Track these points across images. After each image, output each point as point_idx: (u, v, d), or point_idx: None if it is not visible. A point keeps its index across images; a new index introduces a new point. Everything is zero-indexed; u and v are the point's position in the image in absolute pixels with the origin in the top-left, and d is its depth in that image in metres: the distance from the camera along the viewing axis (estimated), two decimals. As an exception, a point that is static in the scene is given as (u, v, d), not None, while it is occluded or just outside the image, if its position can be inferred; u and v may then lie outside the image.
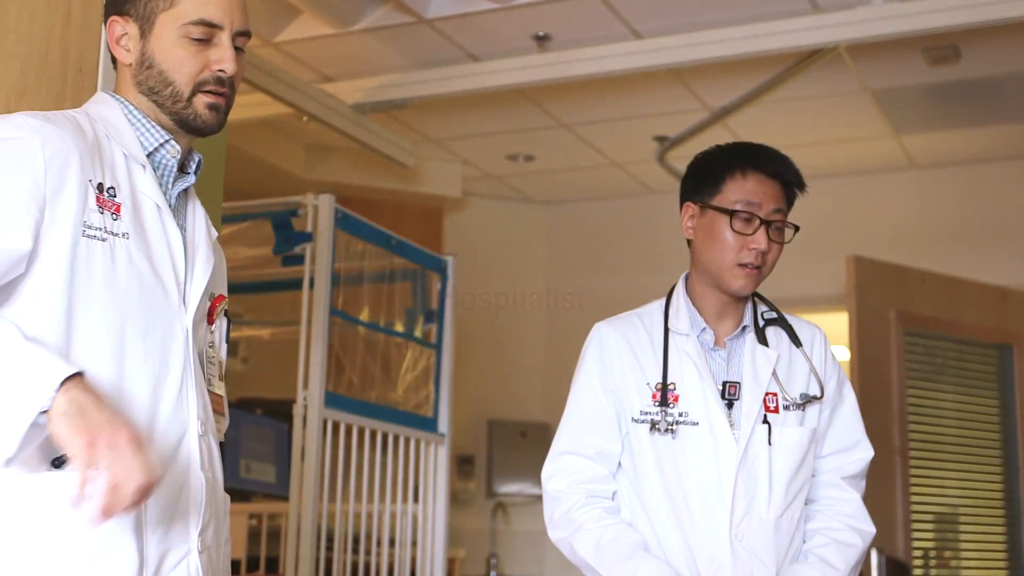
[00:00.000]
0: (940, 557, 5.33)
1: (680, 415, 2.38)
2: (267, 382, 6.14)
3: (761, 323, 2.50)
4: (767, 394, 2.41)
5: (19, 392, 1.55)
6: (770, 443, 2.37)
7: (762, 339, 2.47)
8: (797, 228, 2.43)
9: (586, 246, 7.39)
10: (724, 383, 2.41)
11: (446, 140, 6.52)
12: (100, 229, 1.74)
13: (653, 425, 2.38)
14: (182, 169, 1.94)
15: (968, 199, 6.48)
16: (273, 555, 4.95)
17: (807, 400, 2.44)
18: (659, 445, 2.37)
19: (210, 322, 1.93)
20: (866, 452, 2.53)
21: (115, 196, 1.78)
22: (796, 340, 2.50)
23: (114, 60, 1.92)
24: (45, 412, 1.54)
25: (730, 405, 2.39)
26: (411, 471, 4.81)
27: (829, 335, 2.61)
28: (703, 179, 2.45)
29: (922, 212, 6.56)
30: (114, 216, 1.77)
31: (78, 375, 1.57)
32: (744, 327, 2.47)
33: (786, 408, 2.42)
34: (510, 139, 6.47)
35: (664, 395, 2.40)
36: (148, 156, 1.87)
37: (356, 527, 4.57)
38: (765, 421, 2.39)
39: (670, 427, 2.37)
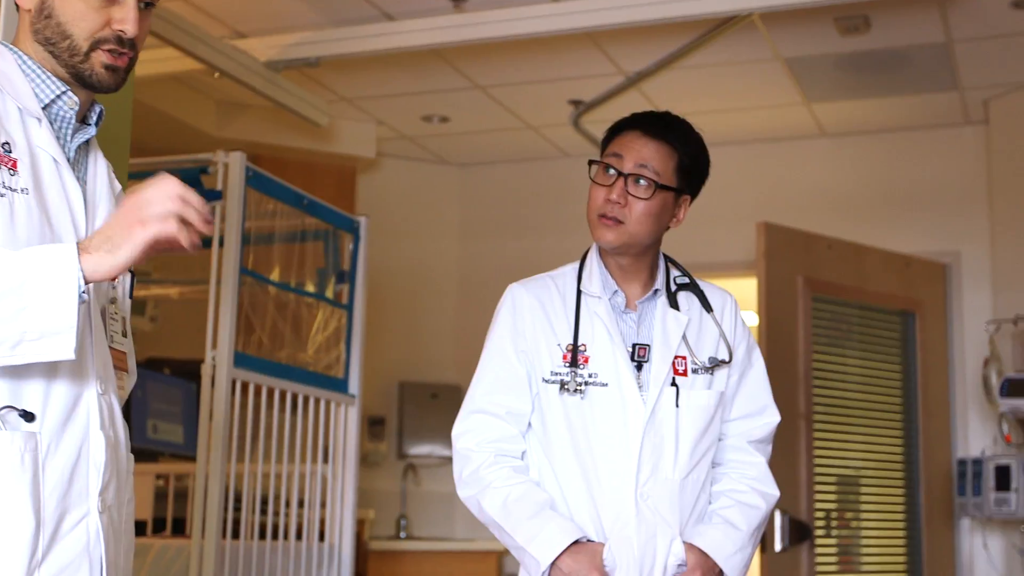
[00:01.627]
0: (841, 518, 5.45)
1: (590, 376, 2.40)
2: (175, 342, 6.07)
3: (673, 287, 2.52)
4: (676, 357, 2.44)
5: (46, 284, 1.58)
6: (677, 405, 2.40)
7: (673, 303, 2.49)
8: (670, 189, 2.42)
9: (500, 209, 7.39)
10: (634, 345, 2.43)
11: (360, 100, 6.46)
12: None
13: (563, 385, 2.40)
14: (84, 120, 1.89)
15: (876, 168, 6.58)
16: (180, 516, 4.90)
17: (715, 364, 2.47)
18: (568, 405, 2.39)
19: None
20: (772, 417, 2.58)
21: (11, 152, 1.73)
22: (707, 305, 2.52)
23: (17, 5, 1.86)
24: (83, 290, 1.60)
25: (639, 367, 2.42)
26: (321, 432, 4.79)
27: (739, 300, 2.65)
28: (603, 142, 2.50)
29: (831, 180, 6.65)
30: (11, 172, 1.72)
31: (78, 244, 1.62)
32: (656, 291, 2.49)
33: (694, 371, 2.45)
34: (425, 100, 6.43)
35: (574, 356, 2.41)
36: (45, 108, 1.82)
37: (265, 488, 4.55)
38: (673, 384, 2.41)
39: (579, 388, 2.39)
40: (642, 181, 2.40)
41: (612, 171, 2.41)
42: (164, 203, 1.60)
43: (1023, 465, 5.14)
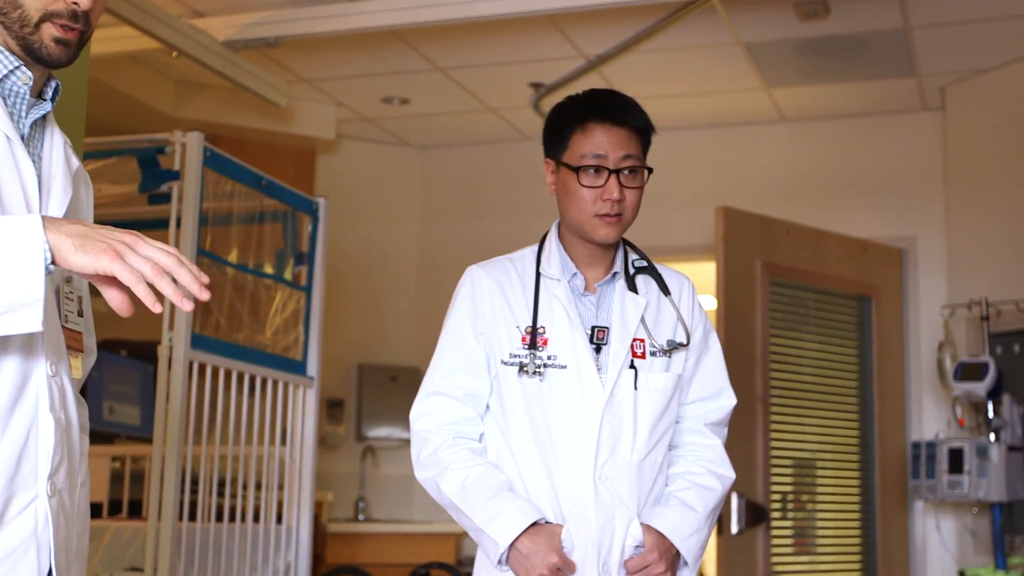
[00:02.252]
0: (797, 501, 5.50)
1: (548, 358, 2.40)
2: (132, 323, 5.95)
3: (631, 271, 2.53)
4: (634, 340, 2.44)
5: (13, 255, 1.53)
6: (636, 388, 2.41)
7: (632, 286, 2.50)
8: (651, 170, 2.46)
9: (460, 191, 7.38)
10: (593, 328, 2.44)
11: (320, 81, 6.42)
12: None
13: (521, 368, 2.40)
14: (40, 96, 1.86)
15: (834, 153, 6.62)
16: (136, 498, 4.87)
17: (673, 347, 2.48)
18: (527, 387, 2.40)
19: None
20: (729, 400, 2.59)
21: None
22: (665, 289, 2.53)
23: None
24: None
25: (598, 350, 2.43)
26: (279, 414, 4.78)
27: (697, 284, 2.66)
28: (553, 136, 2.49)
29: (790, 165, 6.69)
30: None
31: (43, 217, 1.57)
32: (615, 274, 2.50)
33: (652, 354, 2.46)
34: (385, 81, 6.40)
35: (533, 338, 2.42)
36: (-3, 84, 1.78)
37: (222, 470, 4.53)
38: (632, 366, 2.42)
39: (538, 370, 2.40)
40: (632, 171, 2.41)
41: (603, 171, 2.40)
42: (147, 263, 1.57)
43: (976, 448, 5.20)
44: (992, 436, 5.23)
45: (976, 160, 6.04)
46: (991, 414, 5.25)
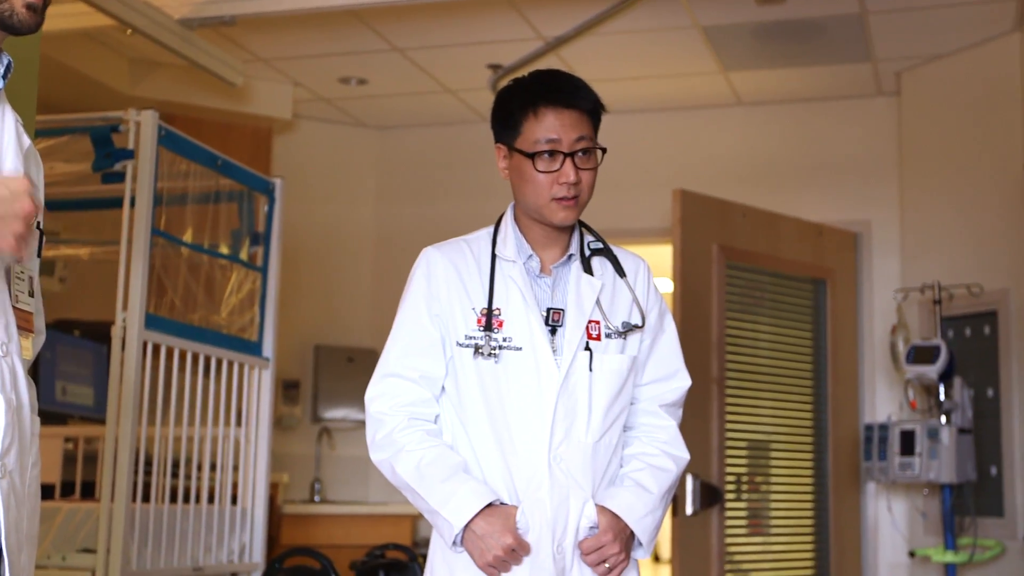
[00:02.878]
0: (751, 482, 5.54)
1: (504, 340, 2.40)
2: (86, 303, 5.96)
3: (587, 252, 2.53)
4: (590, 322, 2.45)
5: None
6: (591, 369, 2.42)
7: (587, 268, 2.50)
8: (604, 150, 2.46)
9: (417, 172, 7.36)
10: (548, 310, 2.44)
11: (276, 60, 6.38)
12: None
13: (477, 349, 2.40)
14: (-10, 74, 1.84)
15: (790, 137, 6.66)
16: (89, 479, 4.84)
17: (628, 329, 2.49)
18: (482, 369, 2.40)
19: None
20: (684, 382, 2.60)
21: None
22: (620, 270, 2.54)
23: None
24: None
25: (553, 331, 2.43)
26: (234, 395, 4.76)
27: (654, 267, 2.67)
28: (504, 121, 2.47)
29: (747, 148, 6.72)
30: None
31: None
32: (570, 255, 2.50)
33: (608, 336, 2.46)
34: (342, 61, 6.37)
35: (489, 320, 2.42)
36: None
37: (176, 451, 4.50)
38: (587, 348, 2.43)
39: (493, 352, 2.40)
40: (586, 153, 2.41)
41: (558, 155, 2.40)
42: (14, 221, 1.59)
43: (927, 430, 5.26)
44: (943, 418, 5.29)
45: (930, 145, 6.10)
46: (942, 397, 5.31)
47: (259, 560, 4.87)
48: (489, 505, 2.33)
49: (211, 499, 4.67)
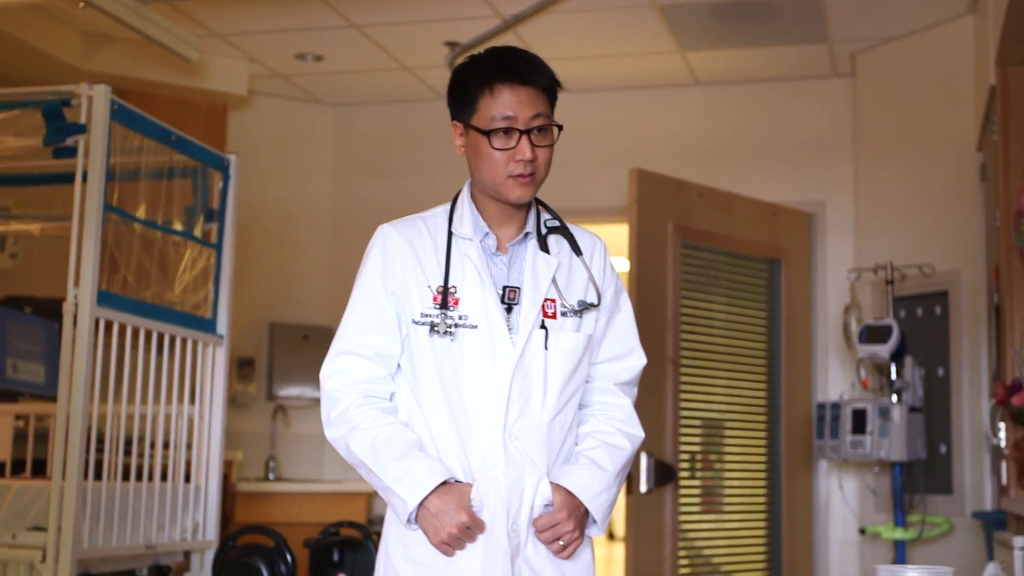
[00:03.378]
0: (705, 460, 5.58)
1: (460, 318, 2.40)
2: (37, 279, 5.89)
3: (543, 230, 2.53)
4: (546, 300, 2.45)
5: None
6: (546, 348, 2.42)
7: (544, 246, 2.50)
8: (560, 127, 2.46)
9: (374, 150, 7.33)
10: (504, 288, 2.44)
11: (232, 35, 6.32)
12: None
13: (432, 327, 2.40)
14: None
15: (747, 117, 6.69)
16: (41, 457, 4.79)
17: (584, 307, 2.49)
18: (438, 347, 2.39)
19: None
20: (639, 360, 2.61)
21: None
22: (577, 249, 2.54)
23: None
24: None
25: (509, 309, 2.43)
26: (188, 373, 4.73)
27: (610, 246, 2.67)
28: (459, 99, 2.45)
29: (703, 128, 6.74)
30: None
31: None
32: (527, 233, 2.50)
33: (563, 314, 2.46)
34: (299, 37, 6.32)
35: (444, 298, 2.41)
36: None
37: (129, 429, 4.48)
38: (543, 326, 2.43)
39: (449, 329, 2.39)
40: (542, 130, 2.41)
41: (514, 132, 2.39)
42: None
43: (878, 409, 5.32)
44: (894, 397, 5.35)
45: (884, 127, 6.14)
46: (894, 376, 5.36)
47: (212, 538, 4.85)
48: (444, 483, 2.34)
49: (164, 477, 4.65)
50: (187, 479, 4.79)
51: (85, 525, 4.13)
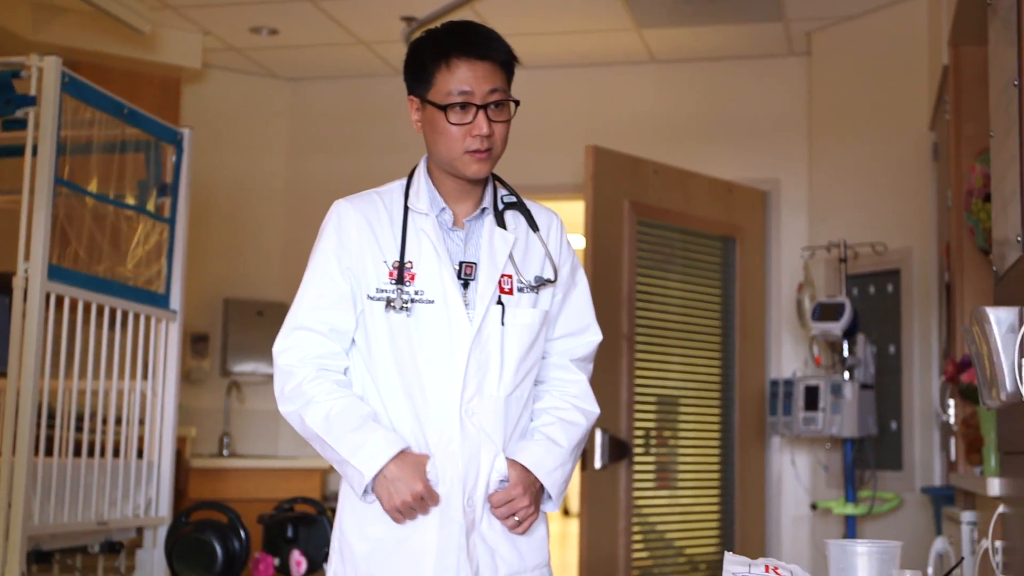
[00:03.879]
0: (660, 436, 5.61)
1: (416, 293, 2.39)
2: (-14, 254, 5.83)
3: (500, 206, 2.52)
4: (502, 276, 2.45)
5: None
6: (503, 323, 2.42)
7: (500, 222, 2.50)
8: (517, 102, 2.45)
9: (330, 125, 7.28)
10: (461, 263, 2.44)
11: (185, 8, 6.25)
12: None
13: (388, 303, 2.39)
14: None
15: (703, 95, 6.70)
16: (-9, 433, 4.75)
17: (541, 283, 2.49)
18: (394, 323, 2.39)
19: None
20: (595, 336, 2.62)
21: None
22: (534, 225, 2.54)
23: None
24: None
25: (466, 285, 2.42)
26: (140, 348, 4.70)
27: (567, 223, 2.67)
28: (416, 73, 2.44)
29: (660, 106, 6.75)
30: None
31: None
32: (483, 209, 2.49)
33: (520, 290, 2.47)
34: (254, 10, 6.26)
35: (401, 273, 2.40)
36: None
37: (81, 404, 4.44)
38: (499, 302, 2.43)
39: (405, 305, 2.39)
40: (499, 105, 2.40)
41: (470, 107, 2.38)
42: None
43: (831, 386, 5.37)
44: (847, 374, 5.40)
45: (839, 106, 6.18)
46: (846, 353, 5.41)
47: (165, 514, 4.83)
48: (401, 452, 2.33)
49: (116, 453, 4.62)
50: (140, 455, 4.77)
51: (36, 501, 4.10)
